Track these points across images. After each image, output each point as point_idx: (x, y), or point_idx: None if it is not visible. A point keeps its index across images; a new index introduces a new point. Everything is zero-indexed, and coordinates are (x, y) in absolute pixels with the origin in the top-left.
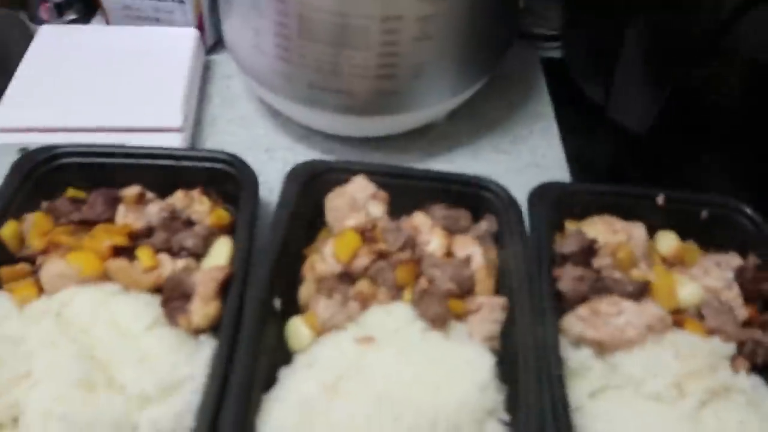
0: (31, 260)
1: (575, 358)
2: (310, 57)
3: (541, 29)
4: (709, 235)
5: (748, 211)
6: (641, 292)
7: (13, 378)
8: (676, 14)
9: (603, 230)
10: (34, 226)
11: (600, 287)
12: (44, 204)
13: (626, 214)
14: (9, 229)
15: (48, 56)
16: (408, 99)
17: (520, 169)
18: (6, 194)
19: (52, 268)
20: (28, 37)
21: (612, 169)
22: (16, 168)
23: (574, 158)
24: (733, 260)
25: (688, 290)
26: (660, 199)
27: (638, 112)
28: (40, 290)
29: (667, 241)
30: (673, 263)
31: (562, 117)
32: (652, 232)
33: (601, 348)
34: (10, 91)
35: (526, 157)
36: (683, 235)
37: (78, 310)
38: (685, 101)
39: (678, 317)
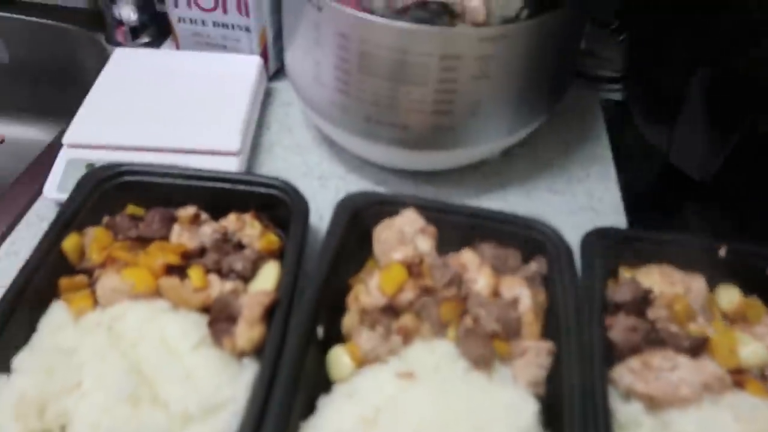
0: (89, 272)
1: (624, 411)
2: (368, 91)
3: (602, 71)
4: None
5: None
6: (698, 348)
7: (65, 387)
8: (746, 61)
9: (659, 280)
10: (95, 240)
11: (654, 339)
12: (105, 219)
13: (685, 264)
14: (71, 241)
15: (120, 78)
16: (463, 135)
17: (574, 211)
18: (71, 208)
19: (107, 282)
20: (104, 58)
21: (672, 217)
22: (81, 183)
23: (631, 203)
24: None
25: (750, 349)
26: (722, 251)
27: (702, 159)
28: (96, 303)
29: (729, 296)
30: (734, 319)
31: (620, 161)
32: (712, 285)
33: (652, 403)
34: (82, 110)
35: (582, 199)
36: (746, 290)
37: (129, 324)
38: (753, 149)
39: (738, 377)
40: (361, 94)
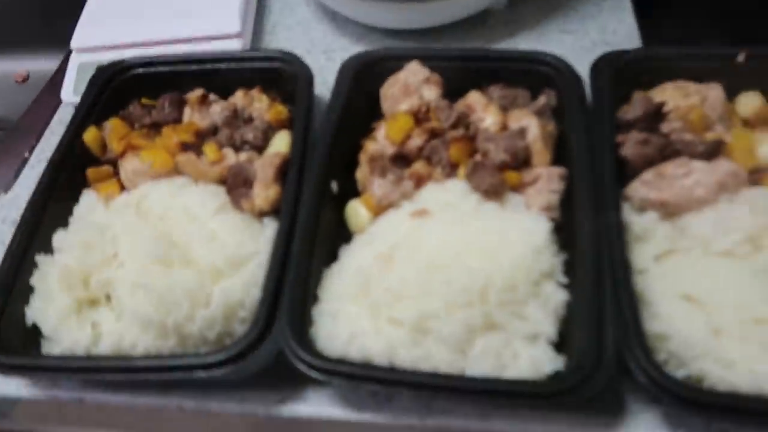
0: (113, 163)
1: (639, 222)
2: None
3: None
4: None
5: None
6: (714, 151)
7: (104, 259)
8: None
9: (674, 95)
10: (113, 131)
11: (669, 153)
12: (120, 112)
13: (703, 77)
14: (90, 134)
15: None
16: None
17: (587, 48)
18: (86, 104)
19: (128, 165)
20: None
21: (692, 37)
22: (92, 81)
23: (648, 31)
24: None
25: (767, 147)
26: (741, 57)
27: None
28: (122, 188)
29: (749, 101)
30: (755, 125)
31: None
32: (733, 94)
33: (667, 210)
34: (85, 13)
35: (595, 35)
36: None
37: (154, 201)
38: None
39: (756, 176)
40: None
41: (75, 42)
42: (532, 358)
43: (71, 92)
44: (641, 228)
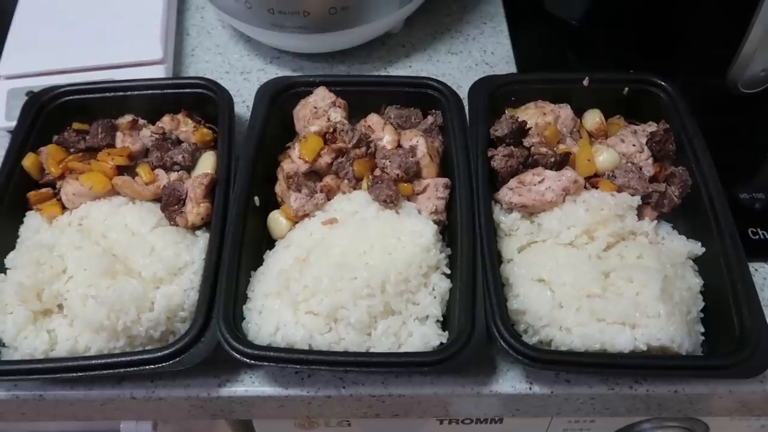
0: (52, 185)
1: (506, 221)
2: None
3: None
4: (633, 109)
5: (664, 84)
6: (562, 162)
7: (54, 274)
8: None
9: (535, 113)
10: (49, 156)
11: (531, 163)
12: (55, 137)
13: (559, 98)
14: (29, 160)
15: (39, 4)
16: (360, 13)
17: (470, 68)
18: (21, 131)
19: (68, 188)
20: None
21: (555, 62)
22: (26, 108)
23: (521, 54)
24: (650, 128)
25: (603, 156)
26: (585, 81)
27: (572, 2)
28: (63, 208)
29: (591, 117)
30: (597, 136)
31: (511, 15)
32: (582, 112)
33: (527, 210)
34: (10, 40)
35: (477, 55)
36: (611, 112)
37: (95, 219)
38: None
39: (595, 180)
40: None
41: (3, 69)
42: (422, 335)
43: (2, 117)
44: (508, 226)
